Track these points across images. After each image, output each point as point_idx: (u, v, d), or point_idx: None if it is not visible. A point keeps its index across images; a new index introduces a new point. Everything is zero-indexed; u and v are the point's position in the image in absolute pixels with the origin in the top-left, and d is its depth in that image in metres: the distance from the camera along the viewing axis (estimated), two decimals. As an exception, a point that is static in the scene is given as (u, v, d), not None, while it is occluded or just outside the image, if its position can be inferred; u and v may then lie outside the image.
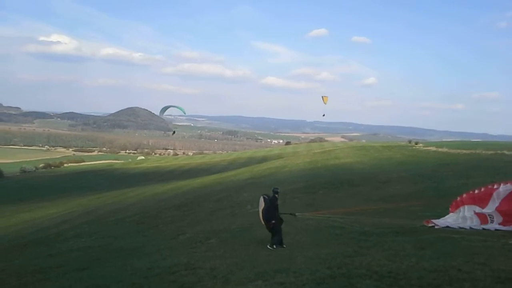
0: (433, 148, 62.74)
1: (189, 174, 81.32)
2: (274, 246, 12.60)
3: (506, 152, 45.54)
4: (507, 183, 12.25)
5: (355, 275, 7.96)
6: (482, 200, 12.75)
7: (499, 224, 12.09)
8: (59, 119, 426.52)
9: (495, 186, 12.49)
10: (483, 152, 48.32)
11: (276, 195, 13.11)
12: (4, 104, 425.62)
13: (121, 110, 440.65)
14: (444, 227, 13.04)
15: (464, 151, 51.55)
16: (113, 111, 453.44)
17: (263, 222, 13.07)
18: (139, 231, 23.24)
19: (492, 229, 11.91)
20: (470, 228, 12.46)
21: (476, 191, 13.12)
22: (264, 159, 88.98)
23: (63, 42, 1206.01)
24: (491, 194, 12.50)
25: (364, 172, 38.25)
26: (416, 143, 79.96)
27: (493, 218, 12.38)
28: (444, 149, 58.48)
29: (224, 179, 51.84)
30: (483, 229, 12.10)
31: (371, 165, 45.87)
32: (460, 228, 12.62)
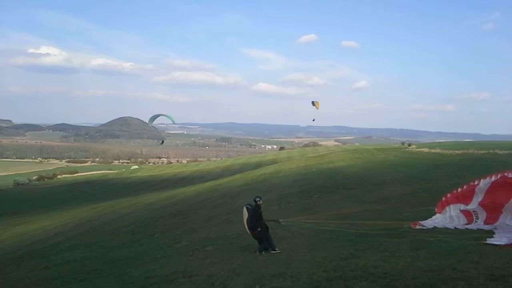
0: (426, 150, 63.11)
1: (184, 182, 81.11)
2: (263, 252, 12.77)
3: (498, 151, 45.96)
4: (486, 177, 12.41)
5: (351, 277, 8.04)
6: (466, 198, 12.98)
7: (484, 222, 12.31)
8: (51, 130, 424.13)
9: (476, 182, 12.67)
10: (475, 152, 48.74)
11: (258, 203, 13.13)
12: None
13: (113, 120, 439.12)
14: (432, 228, 13.19)
15: (457, 152, 51.94)
16: (105, 121, 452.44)
17: (248, 231, 13.27)
18: (135, 240, 23.19)
19: (475, 228, 12.10)
20: (455, 228, 12.66)
21: (460, 190, 13.34)
22: (258, 165, 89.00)
23: (52, 54, 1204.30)
24: (473, 191, 12.72)
25: (358, 175, 38.41)
26: (409, 145, 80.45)
27: (477, 214, 12.61)
28: (437, 150, 58.86)
29: (219, 186, 51.80)
30: (466, 229, 12.30)
31: (365, 168, 46.05)
32: (446, 227, 12.80)
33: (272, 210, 26.25)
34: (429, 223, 13.63)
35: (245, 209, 13.26)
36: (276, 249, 12.90)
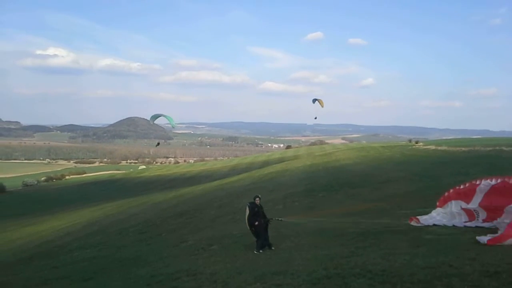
0: (433, 147, 63.01)
1: (191, 181, 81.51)
2: (261, 251, 13.13)
3: (504, 148, 45.86)
4: (487, 179, 12.57)
5: (350, 275, 8.22)
6: (467, 195, 13.13)
7: (483, 220, 12.49)
8: (59, 131, 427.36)
9: (477, 182, 12.84)
10: (482, 149, 48.62)
11: (256, 202, 13.69)
12: (4, 119, 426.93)
13: (121, 120, 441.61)
14: (431, 224, 13.38)
15: (463, 149, 51.83)
16: (112, 122, 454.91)
17: (248, 228, 13.72)
18: (142, 240, 23.51)
19: (473, 226, 12.30)
20: (454, 225, 12.84)
21: (462, 187, 13.47)
22: (265, 164, 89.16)
23: (60, 55, 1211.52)
24: (474, 190, 12.88)
25: (364, 173, 38.50)
26: (416, 142, 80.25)
27: (478, 213, 12.78)
28: (443, 147, 58.75)
29: (226, 185, 52.07)
30: (465, 226, 12.48)
31: (371, 166, 46.10)
32: (445, 225, 12.98)
33: (277, 209, 26.47)
34: (427, 219, 13.79)
35: (246, 207, 13.77)
36: (272, 247, 13.33)
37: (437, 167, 37.08)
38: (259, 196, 14.12)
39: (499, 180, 12.19)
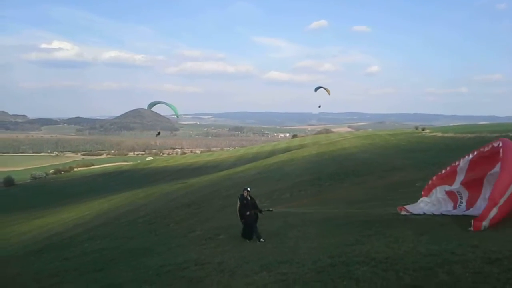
0: (439, 134, 62.85)
1: (198, 172, 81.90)
2: (261, 240, 13.42)
3: (511, 134, 45.62)
4: (464, 157, 12.67)
5: (354, 263, 8.38)
6: (450, 178, 13.23)
7: (466, 204, 12.61)
8: (65, 124, 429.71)
9: (456, 163, 12.93)
10: (488, 135, 48.41)
11: (244, 194, 14.15)
12: (10, 113, 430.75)
13: (127, 112, 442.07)
14: (419, 213, 13.54)
15: (470, 135, 51.70)
16: (118, 114, 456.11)
17: (239, 219, 14.24)
18: (151, 231, 23.79)
19: (460, 214, 12.37)
20: (442, 214, 12.95)
21: (444, 171, 13.61)
22: (271, 154, 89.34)
23: (64, 48, 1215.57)
24: (455, 171, 12.98)
25: (370, 162, 38.52)
26: (423, 129, 79.97)
27: (461, 194, 12.89)
28: (450, 134, 58.61)
29: (233, 175, 52.31)
30: (452, 215, 12.54)
31: (376, 154, 46.11)
32: (434, 214, 13.09)
33: (284, 198, 26.67)
34: (415, 209, 13.95)
35: (238, 200, 14.28)
36: (262, 239, 13.52)
37: (443, 154, 37.01)
38: (248, 188, 14.51)
39: (475, 153, 12.27)
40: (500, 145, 11.28)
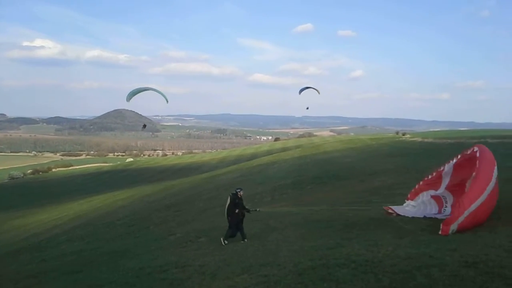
0: (419, 139, 63.79)
1: (179, 174, 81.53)
2: (226, 242, 13.82)
3: (489, 140, 46.63)
4: (449, 161, 13.13)
5: (334, 265, 8.44)
6: (436, 183, 13.72)
7: (451, 209, 12.79)
8: (45, 124, 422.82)
9: (441, 168, 13.40)
10: (467, 141, 49.33)
11: (238, 194, 14.28)
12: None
13: (108, 112, 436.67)
14: (404, 215, 13.87)
15: (449, 141, 52.59)
16: (99, 114, 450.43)
17: (226, 216, 14.39)
18: (131, 233, 23.58)
19: (444, 218, 12.60)
20: (424, 216, 13.27)
21: (430, 176, 14.09)
22: (253, 156, 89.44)
23: (47, 46, 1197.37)
24: (440, 176, 13.49)
25: (351, 166, 38.90)
26: (403, 134, 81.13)
27: (446, 199, 13.33)
28: (430, 140, 59.53)
29: (214, 177, 52.20)
30: (436, 218, 12.82)
31: (358, 158, 46.57)
32: (414, 217, 13.38)
33: (265, 201, 26.73)
34: (401, 210, 14.33)
35: (228, 198, 14.35)
36: (245, 239, 13.85)
37: (423, 159, 37.61)
38: (242, 189, 14.67)
39: (459, 156, 12.70)
40: (478, 153, 11.60)
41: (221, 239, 14.02)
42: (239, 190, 14.41)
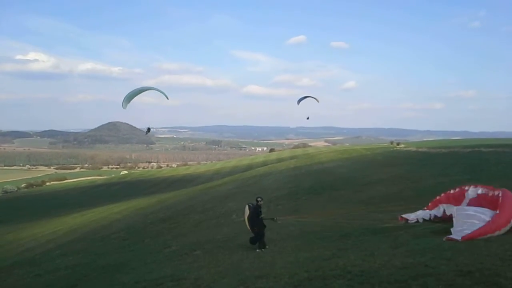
0: (414, 149, 63.96)
1: (174, 186, 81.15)
2: (263, 249, 13.73)
3: (483, 149, 46.87)
4: (476, 186, 13.66)
5: (330, 276, 8.43)
6: (457, 199, 13.99)
7: None
8: (39, 137, 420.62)
9: (466, 188, 13.88)
10: (461, 150, 49.59)
11: (259, 203, 14.43)
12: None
13: (102, 125, 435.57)
14: (415, 221, 14.35)
15: (443, 150, 52.77)
16: (93, 127, 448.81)
17: (249, 228, 14.47)
18: (125, 246, 23.39)
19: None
20: (430, 217, 14.13)
21: (452, 191, 14.46)
22: (249, 167, 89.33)
23: (40, 60, 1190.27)
24: (463, 195, 13.87)
25: (346, 176, 38.94)
26: (398, 144, 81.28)
27: None
28: (424, 149, 59.70)
29: (209, 189, 52.00)
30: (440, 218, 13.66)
31: (353, 168, 46.61)
32: (424, 220, 14.22)
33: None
34: (412, 216, 14.77)
35: (247, 207, 14.59)
36: (267, 246, 13.93)
37: (417, 168, 37.73)
38: (262, 198, 14.94)
39: (485, 190, 13.20)
40: (500, 195, 12.14)
41: (258, 250, 13.84)
42: (260, 200, 14.50)
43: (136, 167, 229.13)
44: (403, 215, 15.08)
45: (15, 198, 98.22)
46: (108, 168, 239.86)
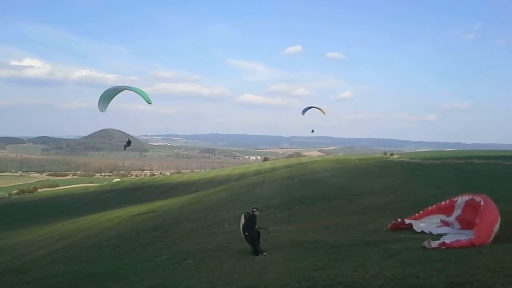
0: (407, 160, 64.20)
1: (167, 194, 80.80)
2: (262, 254, 14.19)
3: (475, 161, 47.13)
4: (463, 195, 14.23)
5: (321, 287, 8.41)
6: (449, 210, 14.71)
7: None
8: (31, 143, 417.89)
9: (455, 199, 14.50)
10: (454, 161, 49.85)
11: (255, 213, 15.03)
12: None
13: (95, 132, 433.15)
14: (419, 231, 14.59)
15: (436, 162, 52.98)
16: (87, 134, 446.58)
17: (243, 236, 14.89)
18: (116, 254, 23.22)
19: (453, 233, 13.54)
20: (430, 232, 14.12)
21: (443, 203, 15.08)
22: (242, 176, 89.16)
23: (36, 66, 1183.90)
24: (453, 205, 14.53)
25: (339, 186, 38.97)
26: (391, 155, 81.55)
27: (453, 225, 14.31)
28: (417, 160, 59.94)
29: (202, 198, 51.85)
30: (438, 234, 13.69)
31: (346, 178, 46.68)
32: (423, 231, 14.34)
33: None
34: (417, 226, 15.01)
35: (242, 216, 15.00)
36: (264, 253, 14.28)
37: (410, 179, 37.88)
38: (258, 209, 15.58)
39: (470, 197, 13.78)
40: (482, 203, 12.59)
41: (260, 254, 14.19)
42: (255, 210, 15.10)
43: (129, 175, 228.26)
44: (406, 220, 15.45)
45: (7, 204, 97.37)
46: (101, 175, 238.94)
